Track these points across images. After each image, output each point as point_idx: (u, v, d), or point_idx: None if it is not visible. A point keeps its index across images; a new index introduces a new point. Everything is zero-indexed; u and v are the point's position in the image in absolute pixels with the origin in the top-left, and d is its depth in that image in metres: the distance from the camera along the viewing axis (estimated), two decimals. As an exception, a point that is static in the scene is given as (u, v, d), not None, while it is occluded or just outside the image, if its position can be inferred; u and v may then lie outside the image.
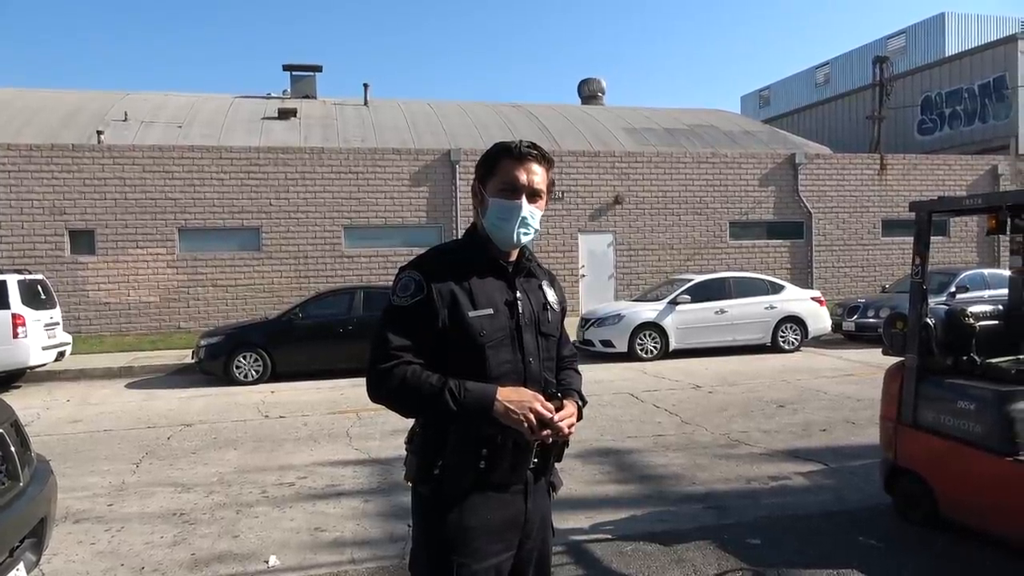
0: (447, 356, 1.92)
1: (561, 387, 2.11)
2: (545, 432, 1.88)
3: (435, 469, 1.92)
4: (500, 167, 2.00)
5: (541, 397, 1.91)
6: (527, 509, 2.01)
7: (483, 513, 1.93)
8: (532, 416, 1.85)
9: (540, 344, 2.05)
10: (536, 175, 2.00)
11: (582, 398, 2.12)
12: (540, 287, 2.13)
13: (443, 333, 1.91)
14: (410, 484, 2.02)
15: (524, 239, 2.01)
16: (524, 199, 1.98)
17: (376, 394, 1.91)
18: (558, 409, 1.92)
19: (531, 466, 1.98)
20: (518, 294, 2.02)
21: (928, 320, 4.47)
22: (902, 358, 4.66)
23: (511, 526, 1.98)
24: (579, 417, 2.03)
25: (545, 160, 2.03)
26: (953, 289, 13.56)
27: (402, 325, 1.91)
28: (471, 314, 1.92)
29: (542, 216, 2.06)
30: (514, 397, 1.87)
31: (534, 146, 2.01)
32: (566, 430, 1.92)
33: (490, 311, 1.95)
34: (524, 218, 1.98)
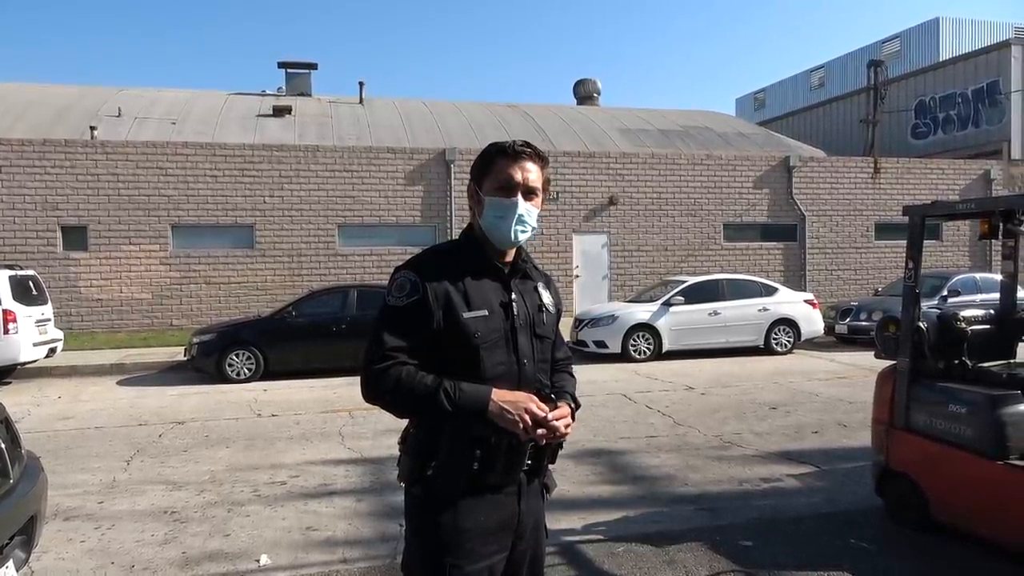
0: (442, 357, 1.91)
1: (554, 390, 2.11)
2: (541, 432, 1.88)
3: (428, 470, 1.91)
4: (495, 166, 1.99)
5: (536, 398, 1.91)
6: (520, 510, 2.00)
7: (476, 514, 1.92)
8: (527, 417, 1.85)
9: (535, 346, 2.04)
10: (531, 173, 2.00)
11: (575, 401, 2.11)
12: (536, 289, 2.12)
13: (438, 334, 1.91)
14: (403, 485, 2.01)
15: (522, 237, 2.00)
16: (520, 197, 1.97)
17: (371, 394, 1.90)
18: (552, 410, 1.92)
19: (525, 467, 1.97)
20: (513, 295, 2.02)
21: (920, 324, 4.49)
22: (894, 361, 4.68)
23: (504, 527, 1.97)
24: (572, 419, 2.02)
25: (540, 158, 2.03)
26: (945, 293, 13.63)
27: (397, 325, 1.91)
28: (466, 315, 1.91)
29: (537, 215, 2.05)
30: (509, 398, 1.86)
31: (528, 145, 2.02)
32: (562, 429, 1.91)
33: (485, 312, 1.94)
34: (520, 216, 1.97)
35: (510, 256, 2.07)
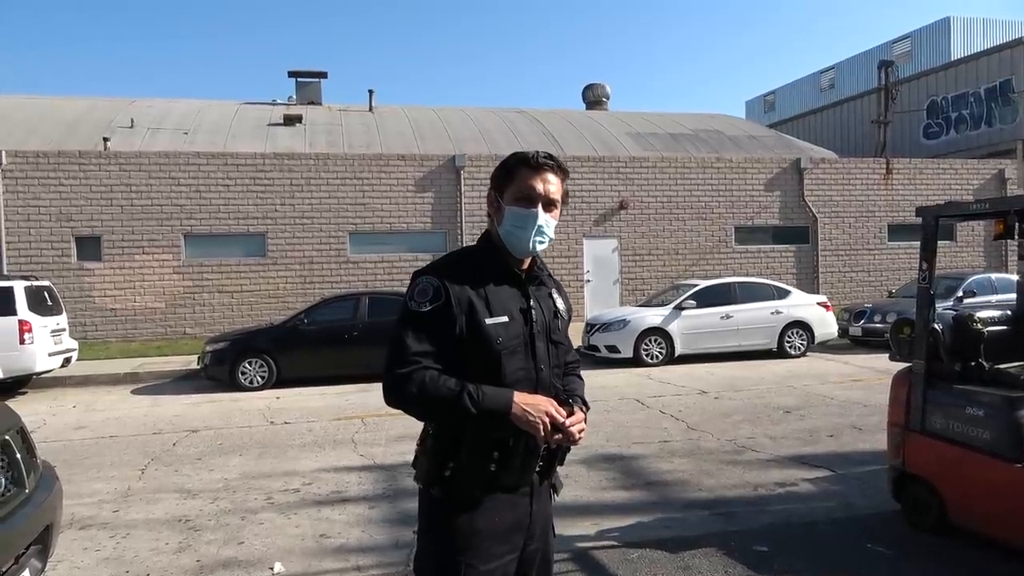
0: (463, 362, 1.93)
1: (566, 393, 2.13)
2: (557, 436, 1.91)
3: (447, 471, 1.93)
4: (517, 176, 2.02)
5: (555, 402, 1.94)
6: (532, 511, 2.03)
7: (491, 515, 1.95)
8: (547, 420, 1.88)
9: (551, 351, 2.08)
10: (552, 185, 2.02)
11: (585, 404, 2.14)
12: (550, 295, 2.15)
13: (461, 339, 1.93)
14: (420, 486, 2.02)
15: (539, 247, 2.03)
16: (540, 208, 2.00)
17: (395, 399, 1.91)
18: (569, 415, 1.95)
19: (537, 469, 2.00)
20: (532, 302, 2.05)
21: (935, 325, 4.44)
22: (909, 364, 4.63)
23: (517, 528, 2.00)
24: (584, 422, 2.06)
25: (561, 171, 2.06)
26: (960, 294, 13.49)
27: (420, 330, 1.92)
28: (488, 321, 1.94)
29: (555, 226, 2.08)
30: (531, 401, 1.89)
31: (551, 157, 2.05)
32: (577, 435, 1.95)
33: (505, 319, 1.97)
34: (540, 227, 2.00)
35: (527, 263, 2.10)
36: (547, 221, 2.02)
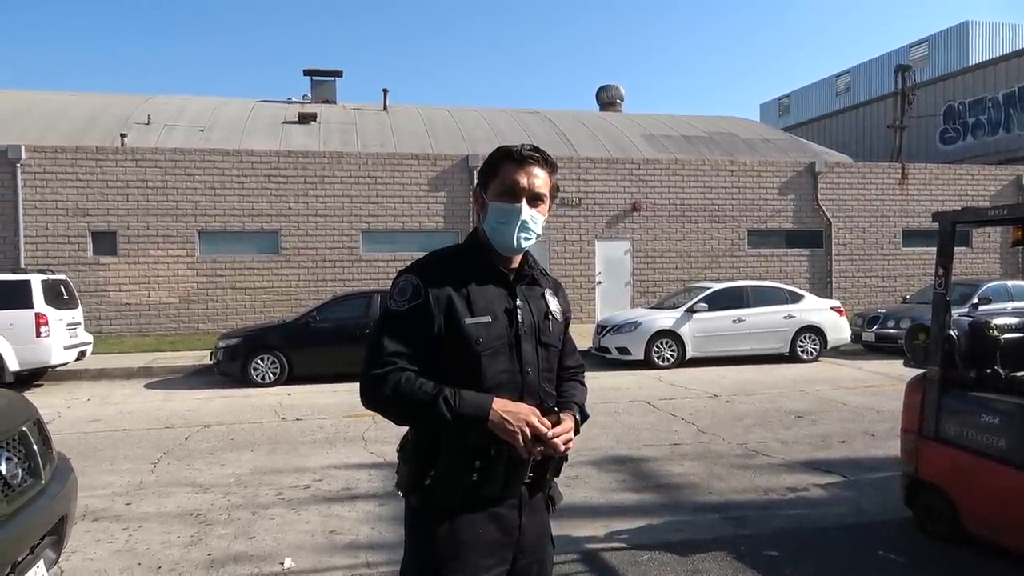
0: (442, 363, 1.87)
1: (561, 400, 2.05)
2: (539, 448, 1.83)
3: (426, 479, 1.87)
4: (501, 170, 1.94)
5: (538, 411, 1.86)
6: (521, 524, 1.95)
7: (475, 527, 1.88)
8: (527, 430, 1.80)
9: (539, 354, 1.99)
10: (537, 179, 1.94)
11: (583, 412, 2.06)
12: (543, 295, 2.06)
13: (439, 340, 1.87)
14: (401, 494, 1.97)
15: (525, 244, 1.95)
16: (524, 203, 1.92)
17: (369, 400, 1.87)
18: (555, 424, 1.87)
19: (527, 480, 1.92)
20: (518, 302, 1.96)
21: (951, 332, 4.41)
22: (924, 370, 4.60)
23: (504, 541, 1.92)
24: (576, 432, 1.97)
25: (547, 164, 1.97)
26: (976, 300, 13.39)
27: (398, 330, 1.86)
28: (468, 321, 1.87)
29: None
30: (511, 409, 1.82)
31: (536, 149, 1.96)
32: (561, 448, 1.86)
33: (487, 319, 1.89)
34: (524, 222, 1.92)
35: (516, 262, 2.02)
36: (532, 216, 1.93)
